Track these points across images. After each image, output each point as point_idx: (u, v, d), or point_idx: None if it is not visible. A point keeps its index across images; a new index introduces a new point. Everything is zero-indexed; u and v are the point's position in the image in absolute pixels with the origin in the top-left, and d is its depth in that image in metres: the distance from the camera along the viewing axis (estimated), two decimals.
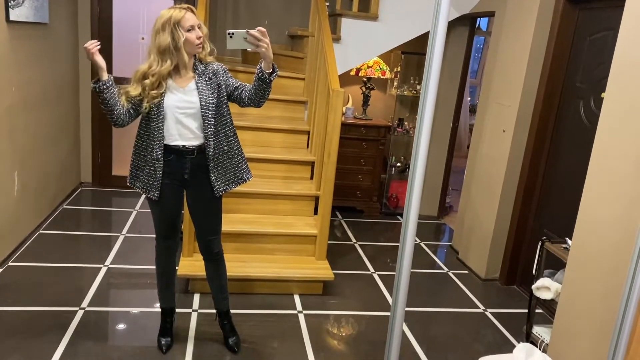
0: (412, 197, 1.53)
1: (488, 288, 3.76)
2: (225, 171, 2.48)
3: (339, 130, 3.29)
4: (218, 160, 2.44)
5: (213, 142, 2.40)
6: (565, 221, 3.20)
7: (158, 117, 2.32)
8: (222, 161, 2.46)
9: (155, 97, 2.28)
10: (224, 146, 2.45)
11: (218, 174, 2.46)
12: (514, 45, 3.63)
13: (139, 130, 2.41)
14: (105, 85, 2.25)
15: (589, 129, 3.13)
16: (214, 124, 2.38)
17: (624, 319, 1.67)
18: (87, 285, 3.23)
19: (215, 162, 2.44)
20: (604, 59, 3.03)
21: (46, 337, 2.66)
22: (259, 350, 2.76)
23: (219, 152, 2.44)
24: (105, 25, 4.81)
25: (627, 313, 1.66)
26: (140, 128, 2.40)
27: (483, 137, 3.96)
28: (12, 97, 3.38)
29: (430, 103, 1.48)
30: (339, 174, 3.66)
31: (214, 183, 2.45)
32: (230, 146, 2.48)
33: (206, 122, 2.36)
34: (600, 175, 2.38)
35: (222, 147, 2.44)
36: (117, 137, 5.05)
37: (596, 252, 2.37)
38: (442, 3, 1.41)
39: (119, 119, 2.31)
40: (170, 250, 2.62)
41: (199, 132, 2.38)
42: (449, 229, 4.92)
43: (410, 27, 4.26)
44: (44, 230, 3.97)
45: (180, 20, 2.25)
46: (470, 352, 2.91)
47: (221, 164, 2.46)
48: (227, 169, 2.49)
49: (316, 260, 3.50)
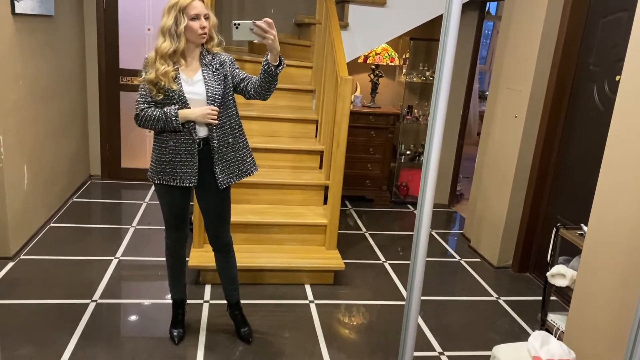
0: (426, 187, 1.50)
1: (501, 276, 3.72)
2: (230, 164, 2.45)
3: (348, 118, 3.26)
4: (223, 152, 2.41)
5: (217, 134, 2.37)
6: (579, 207, 3.15)
7: (184, 105, 2.31)
8: (226, 154, 2.42)
9: (168, 73, 2.26)
10: (228, 138, 2.41)
11: (222, 166, 2.42)
12: (525, 29, 3.57)
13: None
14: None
15: (602, 112, 3.07)
16: (219, 116, 2.36)
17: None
18: (98, 277, 3.23)
19: (220, 155, 2.41)
20: (618, 41, 2.96)
21: (59, 330, 2.67)
22: (271, 340, 2.75)
23: (223, 144, 2.40)
24: (111, 17, 4.78)
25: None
26: None
27: (494, 123, 3.91)
28: (19, 90, 3.37)
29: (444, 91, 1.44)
30: (348, 163, 3.63)
31: (218, 175, 2.42)
32: (235, 139, 2.45)
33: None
34: (617, 159, 2.33)
35: (227, 139, 2.41)
36: (125, 130, 5.05)
37: (613, 238, 2.32)
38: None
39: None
40: (180, 242, 2.61)
41: (205, 123, 2.35)
42: (460, 217, 4.88)
43: (419, 13, 4.20)
44: (54, 223, 3.98)
45: (187, 7, 2.22)
46: (485, 341, 2.89)
47: (226, 156, 2.43)
48: (231, 161, 2.45)
49: (326, 250, 3.48)
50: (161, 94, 2.29)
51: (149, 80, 2.28)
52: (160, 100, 2.31)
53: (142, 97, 2.34)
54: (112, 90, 4.93)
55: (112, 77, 4.90)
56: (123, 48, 4.86)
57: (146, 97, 2.33)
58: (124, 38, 4.85)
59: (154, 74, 2.26)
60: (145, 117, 2.33)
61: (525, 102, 3.52)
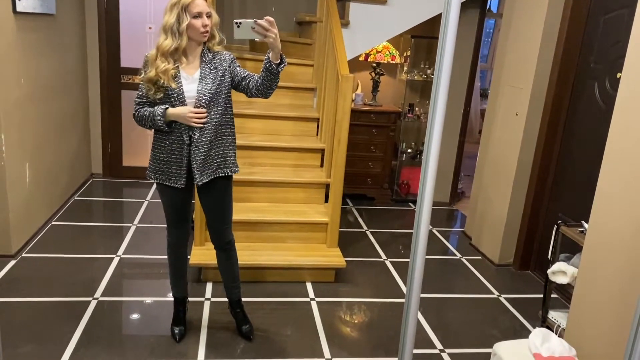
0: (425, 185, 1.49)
1: (502, 274, 3.72)
2: (207, 160, 2.39)
3: (349, 116, 3.26)
4: (202, 148, 2.36)
5: (199, 130, 2.34)
6: (581, 205, 3.15)
7: (182, 104, 2.32)
8: (206, 150, 2.37)
9: (168, 71, 2.26)
10: (209, 134, 2.37)
11: (200, 162, 2.37)
12: (526, 26, 3.56)
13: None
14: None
15: (603, 109, 3.07)
16: (206, 113, 2.34)
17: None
18: (100, 275, 3.24)
19: (199, 150, 2.36)
20: (619, 38, 2.96)
21: (60, 328, 2.68)
22: (272, 337, 2.75)
23: (204, 140, 2.35)
24: (112, 15, 4.79)
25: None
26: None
27: (495, 121, 3.91)
28: (20, 88, 3.38)
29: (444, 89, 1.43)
30: (349, 162, 3.63)
31: (194, 171, 2.38)
32: (218, 136, 2.40)
33: (196, 107, 2.33)
34: (618, 156, 2.32)
35: (209, 135, 2.37)
36: (126, 128, 5.05)
37: (613, 235, 2.32)
38: None
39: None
40: (181, 240, 2.61)
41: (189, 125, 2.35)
42: (461, 215, 4.88)
43: (420, 10, 4.19)
44: (56, 221, 3.99)
45: (189, 5, 2.23)
46: (485, 338, 2.89)
47: (205, 152, 2.37)
48: (210, 158, 2.40)
49: (327, 248, 3.48)
50: (161, 92, 2.30)
51: (149, 78, 2.29)
52: (160, 99, 2.31)
53: (139, 97, 2.37)
54: (114, 89, 4.94)
55: (114, 76, 4.91)
56: (124, 46, 4.87)
57: (142, 97, 2.36)
58: (125, 36, 4.85)
59: (154, 71, 2.27)
60: (139, 117, 2.37)
61: (527, 100, 3.52)
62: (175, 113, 2.29)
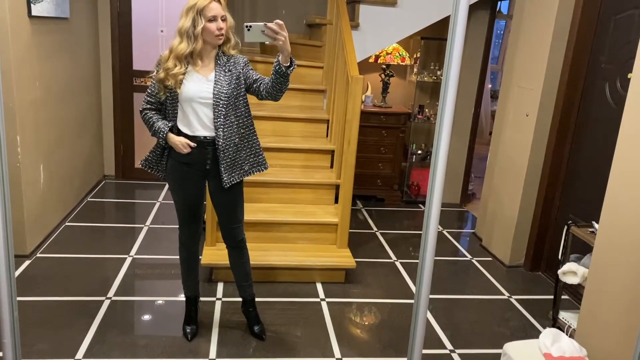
0: (434, 186, 1.51)
1: (513, 275, 3.71)
2: (234, 163, 2.45)
3: (359, 117, 3.27)
4: (228, 152, 2.42)
5: (222, 133, 2.38)
6: (591, 205, 3.14)
7: (174, 102, 2.37)
8: (232, 153, 2.43)
9: (177, 75, 2.30)
10: (235, 138, 2.42)
11: (227, 165, 2.43)
12: (536, 26, 3.56)
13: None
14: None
15: (614, 110, 3.06)
16: (224, 115, 2.37)
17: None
18: (113, 275, 3.28)
19: (225, 154, 2.41)
20: (630, 39, 2.95)
21: (74, 326, 2.72)
22: (283, 337, 2.77)
23: (229, 144, 2.41)
24: (125, 19, 4.85)
25: None
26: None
27: (506, 122, 3.90)
28: (35, 91, 3.44)
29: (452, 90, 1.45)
30: (359, 163, 3.64)
31: (222, 174, 2.43)
32: (242, 139, 2.46)
33: (216, 112, 2.36)
34: (628, 156, 2.32)
35: (233, 139, 2.42)
36: (138, 130, 5.10)
37: (624, 235, 2.32)
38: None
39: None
40: (193, 240, 2.64)
41: (203, 129, 2.40)
42: (472, 216, 4.87)
43: (430, 12, 4.20)
44: (69, 222, 4.04)
45: (204, 9, 2.25)
46: (495, 338, 2.89)
47: (231, 156, 2.43)
48: (236, 161, 2.46)
49: (338, 249, 3.50)
50: (166, 94, 2.36)
51: (159, 79, 2.33)
52: (164, 101, 2.39)
53: (149, 96, 2.43)
54: (126, 91, 4.99)
55: (126, 78, 4.96)
56: (136, 49, 4.92)
57: (152, 95, 2.41)
58: (138, 39, 4.91)
59: (163, 73, 2.31)
60: (144, 118, 2.46)
61: (537, 101, 3.51)
62: (172, 141, 2.40)
